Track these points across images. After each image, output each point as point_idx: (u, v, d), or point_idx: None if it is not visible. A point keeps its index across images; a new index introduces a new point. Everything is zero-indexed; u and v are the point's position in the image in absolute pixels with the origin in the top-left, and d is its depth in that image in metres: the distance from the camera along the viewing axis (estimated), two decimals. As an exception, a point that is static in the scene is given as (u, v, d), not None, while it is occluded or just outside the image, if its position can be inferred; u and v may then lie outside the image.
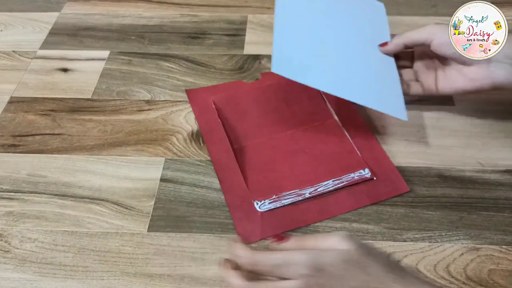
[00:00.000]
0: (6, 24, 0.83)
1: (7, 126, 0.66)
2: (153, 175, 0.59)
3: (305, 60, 0.57)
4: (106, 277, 0.50)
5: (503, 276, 0.49)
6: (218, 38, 0.79)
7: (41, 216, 0.56)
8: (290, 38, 0.58)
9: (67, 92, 0.70)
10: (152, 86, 0.71)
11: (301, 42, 0.59)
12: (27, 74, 0.74)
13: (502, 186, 0.57)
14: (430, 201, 0.56)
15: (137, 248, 0.52)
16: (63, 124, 0.66)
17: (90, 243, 0.53)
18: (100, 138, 0.64)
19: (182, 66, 0.74)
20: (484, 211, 0.54)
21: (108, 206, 0.56)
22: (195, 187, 0.58)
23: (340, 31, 0.63)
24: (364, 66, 0.61)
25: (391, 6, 0.84)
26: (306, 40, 0.59)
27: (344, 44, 0.62)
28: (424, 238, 0.52)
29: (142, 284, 0.50)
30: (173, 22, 0.82)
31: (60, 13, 0.85)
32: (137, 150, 0.62)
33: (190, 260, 0.51)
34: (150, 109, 0.67)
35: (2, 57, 0.77)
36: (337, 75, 0.58)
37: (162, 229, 0.54)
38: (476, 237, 0.52)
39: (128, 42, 0.78)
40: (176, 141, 0.63)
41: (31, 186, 0.59)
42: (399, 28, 0.79)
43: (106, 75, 0.73)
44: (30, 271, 0.51)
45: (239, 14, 0.83)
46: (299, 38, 0.59)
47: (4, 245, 0.53)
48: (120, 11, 0.85)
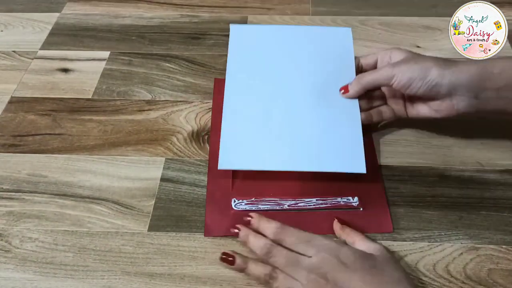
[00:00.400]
0: (6, 24, 0.84)
1: (7, 126, 0.66)
2: (153, 175, 0.59)
3: (253, 146, 0.56)
4: (106, 276, 0.50)
5: (503, 276, 0.49)
6: (218, 39, 0.79)
7: (41, 215, 0.56)
8: (237, 126, 0.57)
9: (67, 92, 0.71)
10: (153, 86, 0.71)
11: (249, 126, 0.57)
12: (28, 74, 0.74)
13: (501, 186, 0.57)
14: (429, 201, 0.56)
15: (138, 248, 0.53)
16: (64, 124, 0.66)
17: (90, 243, 0.53)
18: (101, 138, 0.64)
19: (182, 67, 0.74)
20: (484, 211, 0.55)
21: (108, 206, 0.56)
22: (195, 186, 0.58)
23: (296, 79, 0.61)
24: (320, 122, 0.58)
25: (391, 6, 0.84)
26: (255, 120, 0.58)
27: (299, 99, 0.59)
28: (424, 238, 0.52)
29: (142, 284, 0.50)
30: (173, 23, 0.82)
31: (60, 13, 0.85)
32: (137, 150, 0.62)
33: (191, 259, 0.51)
34: (150, 109, 0.67)
35: (2, 57, 0.77)
36: (289, 149, 0.55)
37: (163, 229, 0.54)
38: (475, 237, 0.52)
39: (129, 43, 0.78)
40: (177, 141, 0.63)
41: (31, 186, 0.59)
42: (399, 28, 0.79)
43: (107, 75, 0.73)
44: (30, 271, 0.51)
45: (239, 15, 0.84)
46: (247, 120, 0.58)
47: (5, 244, 0.53)
48: (121, 11, 0.85)
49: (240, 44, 0.65)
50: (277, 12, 0.84)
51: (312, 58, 0.63)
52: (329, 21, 0.81)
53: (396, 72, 0.54)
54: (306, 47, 0.65)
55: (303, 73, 0.62)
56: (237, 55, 0.64)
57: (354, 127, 0.57)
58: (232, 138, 0.56)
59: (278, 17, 0.83)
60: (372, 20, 0.81)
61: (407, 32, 0.79)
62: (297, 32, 0.67)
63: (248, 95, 0.60)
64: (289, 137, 0.56)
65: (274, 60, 0.63)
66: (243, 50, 0.64)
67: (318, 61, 0.63)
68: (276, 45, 0.65)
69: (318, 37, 0.66)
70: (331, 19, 0.82)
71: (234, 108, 0.59)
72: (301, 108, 0.59)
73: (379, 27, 0.80)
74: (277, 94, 0.60)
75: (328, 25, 0.81)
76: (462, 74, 0.52)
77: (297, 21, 0.82)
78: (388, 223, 0.54)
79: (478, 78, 0.52)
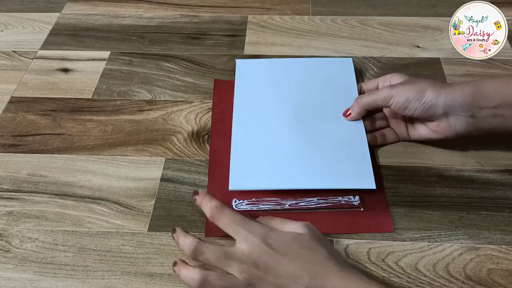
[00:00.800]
0: (6, 24, 0.84)
1: (7, 126, 0.66)
2: (153, 175, 0.59)
3: (262, 166, 0.57)
4: (106, 276, 0.50)
5: (503, 276, 0.49)
6: (218, 39, 0.79)
7: (41, 215, 0.56)
8: (246, 149, 0.59)
9: (67, 92, 0.71)
10: (153, 86, 0.71)
11: (257, 148, 0.59)
12: (28, 74, 0.74)
13: (501, 186, 0.57)
14: (429, 200, 0.56)
15: (138, 248, 0.53)
16: (64, 124, 0.66)
17: (90, 243, 0.53)
18: (101, 138, 0.64)
19: (182, 67, 0.74)
20: (484, 211, 0.55)
21: (108, 206, 0.56)
22: (195, 186, 0.58)
23: (301, 106, 0.63)
24: (328, 142, 0.59)
25: (391, 6, 0.84)
26: (263, 142, 0.59)
27: (305, 123, 0.61)
28: (424, 238, 0.52)
29: (142, 284, 0.50)
30: (173, 23, 0.82)
31: (60, 13, 0.85)
32: (137, 150, 0.62)
33: (191, 259, 0.51)
34: (150, 109, 0.68)
35: (2, 57, 0.77)
36: (298, 168, 0.57)
37: (163, 229, 0.54)
38: (475, 237, 0.52)
39: (129, 43, 0.79)
40: (177, 141, 0.63)
41: (31, 186, 0.59)
42: (399, 28, 0.79)
43: (107, 75, 0.73)
44: (30, 271, 0.51)
45: (239, 15, 0.84)
46: (255, 142, 0.59)
47: (5, 244, 0.53)
48: (121, 11, 0.85)
49: (246, 77, 0.68)
50: (277, 12, 0.84)
51: (316, 86, 0.66)
52: (328, 21, 0.81)
53: (394, 93, 0.56)
54: (309, 77, 0.68)
55: (308, 100, 0.64)
56: (243, 87, 0.66)
57: (360, 144, 0.59)
58: (242, 160, 0.58)
59: (278, 17, 0.83)
60: (372, 20, 0.81)
61: (407, 32, 0.79)
62: (300, 64, 0.70)
63: (255, 121, 0.62)
64: (298, 157, 0.58)
65: (280, 89, 0.66)
66: (248, 82, 0.67)
67: (322, 89, 0.66)
68: (281, 76, 0.68)
69: (321, 68, 0.69)
70: (330, 19, 0.82)
71: (243, 132, 0.61)
72: (308, 131, 0.61)
73: (379, 27, 0.80)
74: (283, 119, 0.62)
75: (327, 24, 0.81)
76: (457, 94, 0.53)
77: (297, 21, 0.82)
78: (389, 223, 0.54)
79: (472, 98, 0.53)
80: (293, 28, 0.81)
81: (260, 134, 0.60)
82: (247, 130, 0.61)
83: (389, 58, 0.74)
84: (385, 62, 0.73)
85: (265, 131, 0.61)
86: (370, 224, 0.54)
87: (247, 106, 0.64)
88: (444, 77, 0.69)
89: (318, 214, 0.55)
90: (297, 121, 0.62)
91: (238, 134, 0.60)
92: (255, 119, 0.62)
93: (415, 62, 0.73)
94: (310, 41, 0.78)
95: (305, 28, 0.80)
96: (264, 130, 0.61)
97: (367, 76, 0.71)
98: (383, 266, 0.50)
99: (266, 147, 0.59)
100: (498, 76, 0.54)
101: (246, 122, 0.62)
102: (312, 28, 0.80)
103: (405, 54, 0.75)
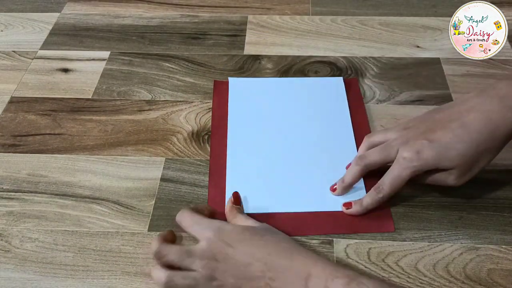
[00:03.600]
0: (6, 24, 0.84)
1: (7, 126, 0.66)
2: (153, 175, 0.59)
3: (258, 191, 0.57)
4: (106, 276, 0.50)
5: (503, 276, 0.49)
6: (218, 39, 0.79)
7: (41, 216, 0.56)
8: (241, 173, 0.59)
9: (67, 92, 0.71)
10: (153, 86, 0.71)
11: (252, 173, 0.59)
12: (28, 74, 0.74)
13: (501, 186, 0.57)
14: (429, 200, 0.56)
15: (138, 248, 0.53)
16: (64, 124, 0.66)
17: (90, 243, 0.53)
18: (101, 138, 0.64)
19: (182, 67, 0.74)
20: (484, 211, 0.55)
21: (108, 206, 0.56)
22: (195, 186, 0.58)
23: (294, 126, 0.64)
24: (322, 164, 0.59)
25: (391, 6, 0.84)
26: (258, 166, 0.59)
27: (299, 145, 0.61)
28: (424, 238, 0.52)
29: (142, 284, 0.50)
30: (173, 23, 0.82)
31: (60, 13, 0.85)
32: (137, 150, 0.62)
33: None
34: (150, 109, 0.68)
35: (2, 57, 0.77)
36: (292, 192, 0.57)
37: (163, 229, 0.54)
38: (475, 237, 0.52)
39: (129, 43, 0.79)
40: (177, 141, 0.63)
41: (31, 186, 0.59)
42: (399, 28, 0.79)
43: (107, 75, 0.73)
44: (30, 271, 0.51)
45: (239, 15, 0.84)
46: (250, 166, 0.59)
47: (5, 244, 0.53)
48: (121, 11, 0.85)
49: (239, 96, 0.68)
50: (277, 12, 0.84)
51: (308, 106, 0.67)
52: (328, 21, 0.81)
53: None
54: (301, 96, 0.68)
55: (301, 120, 0.65)
56: (236, 107, 0.67)
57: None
58: (237, 183, 0.57)
59: (278, 17, 0.83)
60: (372, 20, 0.81)
61: (407, 32, 0.79)
62: (292, 84, 0.70)
63: (249, 143, 0.62)
64: (291, 180, 0.58)
65: (272, 109, 0.67)
66: (242, 101, 0.67)
67: (314, 108, 0.66)
68: (273, 95, 0.68)
69: (312, 87, 0.69)
70: (330, 19, 0.82)
71: (237, 155, 0.61)
72: (302, 153, 0.61)
73: (379, 27, 0.80)
74: (276, 140, 0.62)
75: (327, 24, 0.81)
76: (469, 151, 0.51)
77: (297, 21, 0.82)
78: (390, 223, 0.54)
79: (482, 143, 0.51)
80: (293, 28, 0.81)
81: (254, 158, 0.60)
82: (240, 153, 0.61)
83: (389, 58, 0.74)
84: (385, 62, 0.73)
85: (259, 153, 0.61)
86: (371, 223, 0.54)
87: (240, 125, 0.64)
88: (444, 77, 0.69)
89: (318, 215, 0.55)
90: (290, 141, 0.62)
91: (233, 158, 0.60)
92: (248, 141, 0.62)
93: (415, 62, 0.73)
94: (310, 41, 0.78)
95: (305, 28, 0.80)
96: (257, 152, 0.61)
97: (367, 76, 0.71)
98: (383, 266, 0.50)
99: (260, 170, 0.59)
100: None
101: (240, 144, 0.62)
102: (312, 28, 0.80)
103: (405, 54, 0.75)
